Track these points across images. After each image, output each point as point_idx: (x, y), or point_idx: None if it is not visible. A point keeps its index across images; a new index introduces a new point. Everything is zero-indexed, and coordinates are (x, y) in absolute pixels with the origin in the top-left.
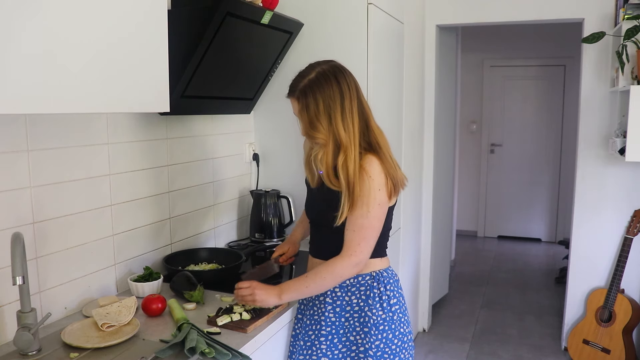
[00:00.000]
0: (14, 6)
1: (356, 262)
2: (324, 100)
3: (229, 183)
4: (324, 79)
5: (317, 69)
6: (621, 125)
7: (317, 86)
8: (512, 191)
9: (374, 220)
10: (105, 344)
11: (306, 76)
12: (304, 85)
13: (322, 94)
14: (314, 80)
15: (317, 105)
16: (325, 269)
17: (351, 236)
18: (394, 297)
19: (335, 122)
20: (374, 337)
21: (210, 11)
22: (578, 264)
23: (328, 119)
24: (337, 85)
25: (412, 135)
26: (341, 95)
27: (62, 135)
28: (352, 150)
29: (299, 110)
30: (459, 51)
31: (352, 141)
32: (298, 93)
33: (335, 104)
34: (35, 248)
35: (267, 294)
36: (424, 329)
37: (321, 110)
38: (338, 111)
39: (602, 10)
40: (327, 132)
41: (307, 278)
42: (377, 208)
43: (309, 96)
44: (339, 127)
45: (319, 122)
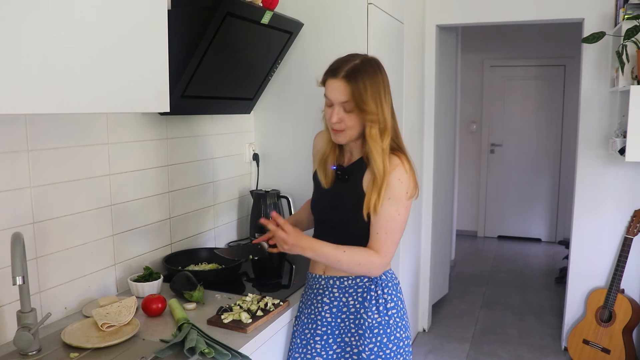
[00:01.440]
0: (14, 6)
1: (386, 263)
2: (372, 85)
3: (229, 183)
4: (370, 67)
5: (361, 57)
6: (621, 125)
7: (366, 71)
8: (512, 191)
9: (402, 223)
10: (105, 344)
11: (351, 61)
12: (351, 68)
13: (370, 79)
14: (360, 65)
15: (366, 89)
16: (365, 258)
17: (384, 237)
18: (392, 300)
19: (381, 106)
20: (368, 339)
21: (210, 11)
22: (578, 264)
23: (375, 103)
24: (381, 76)
25: (412, 135)
26: (384, 85)
27: (62, 135)
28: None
29: (346, 90)
30: (459, 51)
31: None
32: (345, 74)
33: (380, 92)
34: (35, 248)
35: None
36: (424, 329)
37: (369, 94)
38: (383, 99)
39: (602, 10)
40: (375, 112)
41: (344, 254)
42: (405, 211)
43: (358, 79)
44: (385, 111)
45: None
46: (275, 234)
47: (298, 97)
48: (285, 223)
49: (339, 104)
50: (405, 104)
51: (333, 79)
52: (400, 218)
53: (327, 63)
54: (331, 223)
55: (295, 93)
